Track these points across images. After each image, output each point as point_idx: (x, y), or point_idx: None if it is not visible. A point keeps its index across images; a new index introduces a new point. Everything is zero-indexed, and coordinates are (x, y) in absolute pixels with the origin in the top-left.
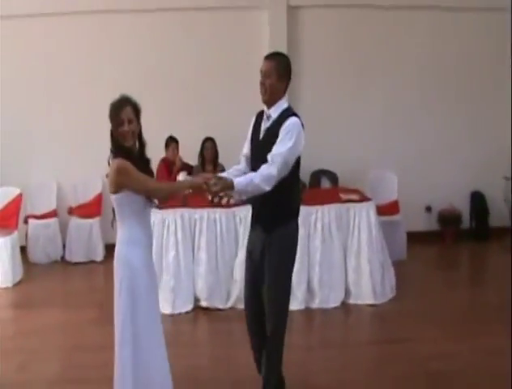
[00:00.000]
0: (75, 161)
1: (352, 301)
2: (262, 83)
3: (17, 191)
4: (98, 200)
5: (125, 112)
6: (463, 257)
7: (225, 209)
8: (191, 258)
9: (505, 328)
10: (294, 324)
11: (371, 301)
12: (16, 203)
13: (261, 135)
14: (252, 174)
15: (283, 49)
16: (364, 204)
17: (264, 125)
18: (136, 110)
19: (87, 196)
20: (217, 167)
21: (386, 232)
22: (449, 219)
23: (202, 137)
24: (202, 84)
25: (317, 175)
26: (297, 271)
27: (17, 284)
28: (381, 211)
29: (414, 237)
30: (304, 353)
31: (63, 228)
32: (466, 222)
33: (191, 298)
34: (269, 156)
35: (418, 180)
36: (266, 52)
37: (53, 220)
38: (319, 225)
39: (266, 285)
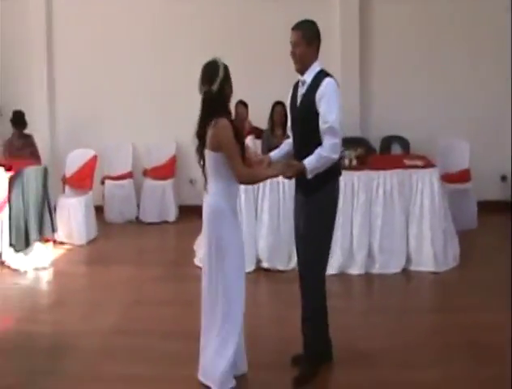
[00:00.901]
0: (150, 124)
1: (412, 267)
2: (293, 53)
3: (92, 153)
4: (172, 162)
5: None
6: None
7: None
8: (254, 220)
9: None
10: (352, 288)
11: (432, 269)
12: (91, 164)
13: (298, 101)
14: (318, 150)
15: (355, 16)
16: (427, 170)
17: (300, 91)
18: None
19: (161, 158)
20: (286, 130)
21: (456, 201)
22: None
23: (272, 101)
24: (274, 58)
25: (388, 141)
26: (358, 235)
27: (91, 242)
28: (452, 178)
29: (488, 207)
30: (355, 318)
31: (138, 189)
32: None
33: (253, 259)
34: (324, 127)
35: (494, 149)
36: (337, 22)
37: (128, 181)
38: (381, 191)
39: (302, 249)
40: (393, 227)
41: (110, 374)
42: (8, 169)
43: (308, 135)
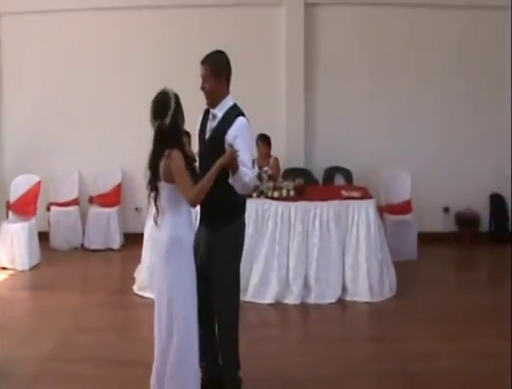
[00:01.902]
0: (97, 151)
1: (348, 297)
2: (203, 88)
3: (36, 179)
4: (117, 190)
5: None
6: (477, 259)
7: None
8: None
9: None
10: (288, 318)
11: (367, 299)
12: (35, 190)
13: (207, 135)
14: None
15: (300, 46)
16: (363, 202)
17: (210, 124)
18: None
19: (107, 186)
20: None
21: (397, 232)
22: (467, 220)
23: None
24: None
25: (331, 172)
26: (294, 266)
27: (34, 268)
28: (394, 210)
29: (430, 238)
30: (290, 346)
31: (83, 216)
32: (485, 224)
33: None
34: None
35: (436, 180)
36: (283, 49)
37: (73, 208)
38: (317, 222)
39: (214, 284)
40: (329, 257)
41: None
42: None
43: None
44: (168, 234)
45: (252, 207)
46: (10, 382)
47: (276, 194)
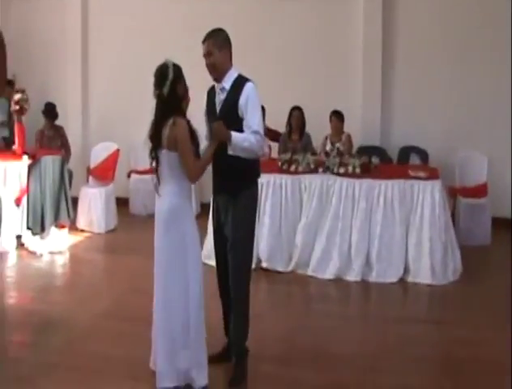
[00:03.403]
0: None
1: (410, 278)
2: (208, 64)
3: (115, 147)
4: None
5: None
6: None
7: (291, 176)
8: (256, 220)
9: None
10: (345, 294)
11: (429, 281)
12: (114, 157)
13: (218, 108)
14: (247, 133)
15: (378, 22)
16: (428, 182)
17: (219, 98)
18: None
19: None
20: (303, 136)
21: (470, 215)
22: None
23: (290, 105)
24: (296, 61)
25: (407, 151)
26: (356, 242)
27: (110, 232)
28: (468, 192)
29: (506, 224)
30: (339, 322)
31: None
32: None
33: (254, 259)
34: (249, 128)
35: None
36: (360, 28)
37: (152, 176)
38: (381, 200)
39: (229, 243)
40: (392, 236)
41: (90, 352)
42: (32, 158)
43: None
44: (165, 203)
45: (316, 181)
46: (64, 334)
47: (342, 170)
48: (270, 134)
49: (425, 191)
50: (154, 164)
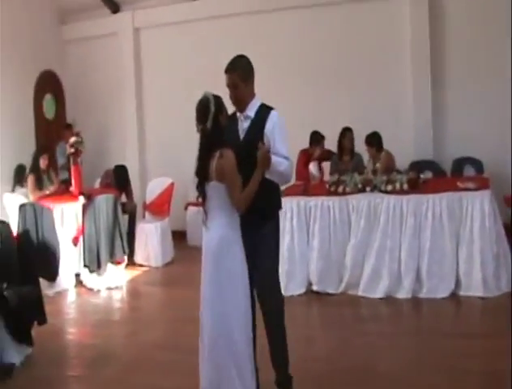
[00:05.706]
0: None
1: (462, 292)
2: (232, 96)
3: (169, 181)
4: None
5: None
6: None
7: (339, 197)
8: (305, 243)
9: None
10: (395, 312)
11: (481, 293)
12: (168, 191)
13: (241, 135)
14: (282, 159)
15: (426, 30)
16: (477, 193)
17: (242, 126)
18: None
19: None
20: (354, 157)
21: None
22: None
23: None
24: (344, 77)
25: (460, 162)
26: (406, 259)
27: (167, 265)
28: None
29: None
30: (388, 341)
31: None
32: None
33: (304, 282)
34: (280, 155)
35: None
36: (408, 35)
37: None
38: (430, 215)
39: (261, 272)
40: (442, 250)
41: (140, 383)
42: (88, 198)
43: (252, 169)
44: (213, 236)
45: (364, 201)
46: (115, 366)
47: (390, 187)
48: (323, 154)
49: (474, 202)
50: (200, 198)
